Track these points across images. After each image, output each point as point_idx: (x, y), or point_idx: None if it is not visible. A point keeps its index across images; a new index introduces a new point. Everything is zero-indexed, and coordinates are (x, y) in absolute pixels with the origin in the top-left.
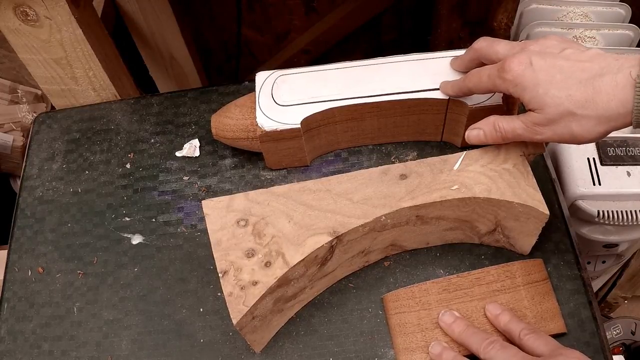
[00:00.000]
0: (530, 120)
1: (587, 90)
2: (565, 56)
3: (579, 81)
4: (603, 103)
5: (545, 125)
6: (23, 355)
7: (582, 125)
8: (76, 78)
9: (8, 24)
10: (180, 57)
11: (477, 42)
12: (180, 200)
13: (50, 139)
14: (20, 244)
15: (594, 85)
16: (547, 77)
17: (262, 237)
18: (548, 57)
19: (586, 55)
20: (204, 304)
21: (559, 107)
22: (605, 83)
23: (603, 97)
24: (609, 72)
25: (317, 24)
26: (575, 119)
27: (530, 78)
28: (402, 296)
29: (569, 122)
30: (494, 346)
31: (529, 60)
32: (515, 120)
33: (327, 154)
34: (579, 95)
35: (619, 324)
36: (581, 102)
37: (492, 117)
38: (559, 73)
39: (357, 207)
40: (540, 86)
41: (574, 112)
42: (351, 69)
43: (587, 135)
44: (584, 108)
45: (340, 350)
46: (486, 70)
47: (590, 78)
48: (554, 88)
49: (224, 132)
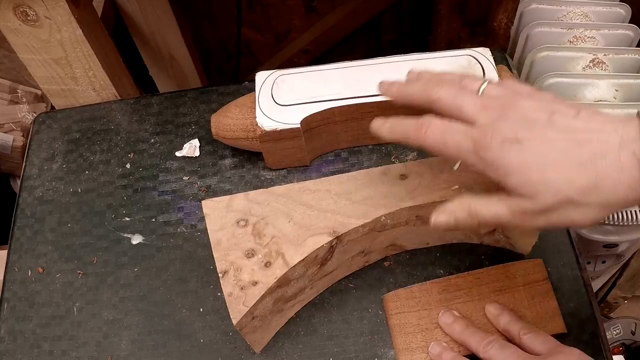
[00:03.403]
0: (520, 208)
1: (589, 175)
2: (557, 126)
3: (578, 163)
4: (608, 190)
5: (538, 214)
6: (23, 355)
7: (584, 213)
8: (76, 78)
9: (8, 24)
10: (180, 57)
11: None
12: (180, 200)
13: (50, 139)
14: (20, 244)
15: (596, 169)
16: (539, 157)
17: (262, 237)
18: (536, 128)
19: (579, 121)
20: (204, 304)
21: (557, 194)
22: (608, 166)
23: (608, 183)
24: (611, 150)
25: (317, 24)
26: (576, 207)
27: (516, 160)
28: (402, 296)
29: (568, 211)
30: (493, 345)
31: (513, 134)
32: (497, 204)
33: (327, 154)
34: (580, 180)
35: (619, 324)
36: (583, 189)
37: (466, 198)
38: (553, 151)
39: (357, 207)
40: (532, 170)
41: (576, 200)
42: (351, 69)
43: (588, 222)
44: (586, 195)
45: (340, 350)
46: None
47: (591, 159)
48: (549, 172)
49: (224, 132)
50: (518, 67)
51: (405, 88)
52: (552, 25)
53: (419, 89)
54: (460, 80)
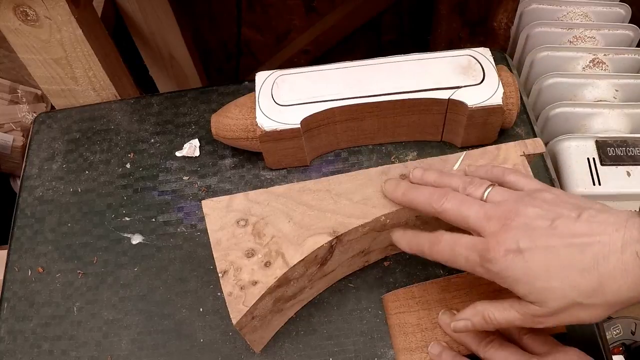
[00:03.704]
0: (530, 313)
1: (592, 279)
2: (558, 232)
3: (581, 268)
4: (612, 291)
5: (548, 316)
6: (23, 355)
7: (591, 312)
8: (76, 78)
9: (8, 24)
10: (180, 57)
11: (440, 199)
12: (180, 200)
13: (50, 139)
14: (20, 244)
15: (599, 272)
16: (543, 266)
17: (262, 237)
18: (538, 237)
19: (581, 224)
20: (203, 304)
21: (563, 299)
22: (611, 267)
23: (612, 284)
24: (613, 252)
25: (317, 24)
26: (583, 308)
27: (521, 269)
28: (401, 296)
29: (575, 312)
30: (492, 345)
31: (516, 245)
32: (509, 310)
33: (327, 154)
34: (584, 285)
35: (619, 324)
36: (588, 293)
37: (480, 305)
38: (556, 259)
39: (357, 207)
40: (537, 279)
41: (581, 302)
42: (351, 69)
43: (595, 319)
44: (591, 297)
45: (340, 350)
46: (461, 250)
47: (594, 263)
48: (553, 280)
49: (224, 132)
50: (518, 67)
51: (410, 193)
52: (552, 25)
53: (424, 200)
54: (465, 188)
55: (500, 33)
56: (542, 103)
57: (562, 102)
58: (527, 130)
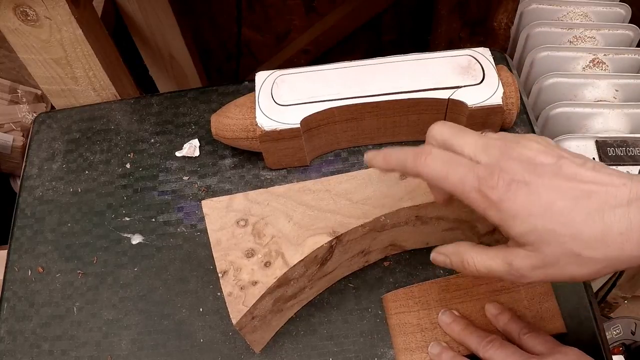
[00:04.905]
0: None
1: (596, 227)
2: (565, 173)
3: (586, 215)
4: (616, 245)
5: (536, 268)
6: (23, 355)
7: (584, 267)
8: (76, 78)
9: (8, 24)
10: (180, 57)
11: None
12: (180, 200)
13: (50, 139)
14: (20, 244)
15: (604, 222)
16: (546, 204)
17: (262, 237)
18: (544, 173)
19: (587, 170)
20: (203, 304)
21: (560, 247)
22: (617, 219)
23: (616, 238)
24: (620, 204)
25: (317, 24)
26: (578, 261)
27: (522, 203)
28: (401, 296)
29: (569, 265)
30: (492, 345)
31: (522, 176)
32: (493, 259)
33: (327, 154)
34: (587, 232)
35: (619, 324)
36: (590, 242)
37: (463, 246)
38: (561, 200)
39: (357, 207)
40: (537, 217)
41: (579, 253)
42: (351, 69)
43: (586, 278)
44: (592, 249)
45: (340, 350)
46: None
47: (600, 211)
48: (555, 221)
49: (224, 132)
50: (518, 67)
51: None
52: (552, 25)
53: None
54: None
55: (500, 33)
56: (542, 103)
57: (562, 102)
58: (527, 131)
